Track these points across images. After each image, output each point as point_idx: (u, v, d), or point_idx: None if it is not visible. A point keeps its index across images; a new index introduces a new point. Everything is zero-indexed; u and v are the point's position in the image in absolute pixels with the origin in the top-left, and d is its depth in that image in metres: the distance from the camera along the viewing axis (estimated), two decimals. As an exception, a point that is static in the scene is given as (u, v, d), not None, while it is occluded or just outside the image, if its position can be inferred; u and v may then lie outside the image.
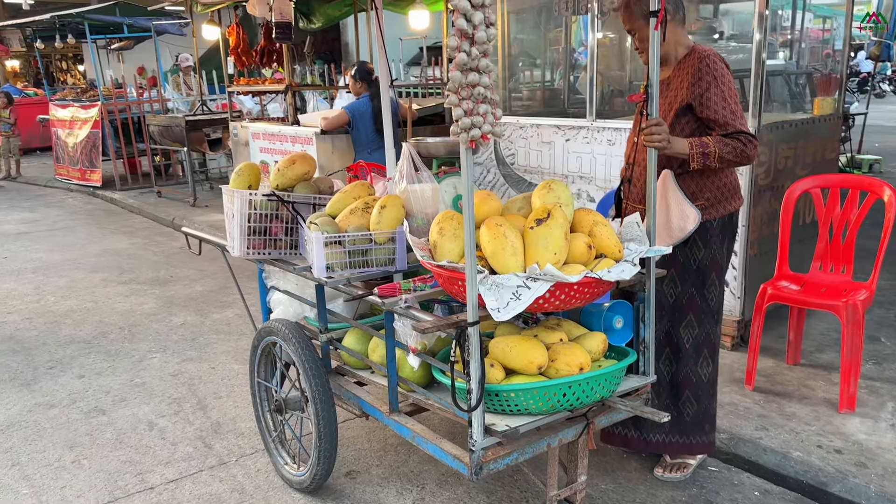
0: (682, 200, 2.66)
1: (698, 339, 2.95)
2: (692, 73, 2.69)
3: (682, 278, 2.89)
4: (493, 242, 2.21)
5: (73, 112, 11.21)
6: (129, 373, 4.35)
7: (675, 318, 2.93)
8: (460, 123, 1.95)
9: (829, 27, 13.75)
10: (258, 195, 3.04)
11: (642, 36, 2.71)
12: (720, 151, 2.61)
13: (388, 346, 2.55)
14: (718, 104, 2.64)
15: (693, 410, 3.00)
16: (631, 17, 2.72)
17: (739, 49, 7.40)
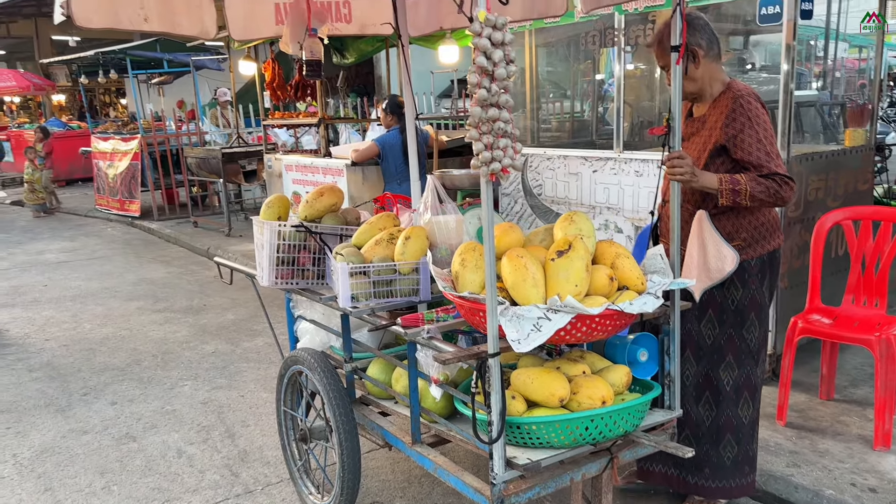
0: (719, 241, 2.60)
1: (738, 380, 2.87)
2: (726, 112, 2.65)
3: (720, 319, 2.82)
4: (514, 274, 2.23)
5: (114, 144, 11.56)
6: (161, 400, 4.42)
7: (714, 359, 2.87)
8: (481, 157, 1.99)
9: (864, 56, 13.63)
10: (287, 226, 3.11)
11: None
12: (752, 190, 2.53)
13: (410, 377, 2.57)
14: (753, 145, 2.59)
15: (734, 453, 2.93)
16: (664, 53, 2.66)
17: (770, 80, 7.38)
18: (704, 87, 2.73)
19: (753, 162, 2.59)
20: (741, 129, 2.60)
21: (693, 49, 2.64)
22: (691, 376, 2.89)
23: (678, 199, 2.48)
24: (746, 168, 2.61)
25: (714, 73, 2.73)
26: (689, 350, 2.85)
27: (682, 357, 2.71)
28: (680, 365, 2.56)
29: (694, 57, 2.66)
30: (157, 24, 3.26)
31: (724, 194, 2.55)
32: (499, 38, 1.93)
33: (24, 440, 3.98)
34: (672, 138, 2.47)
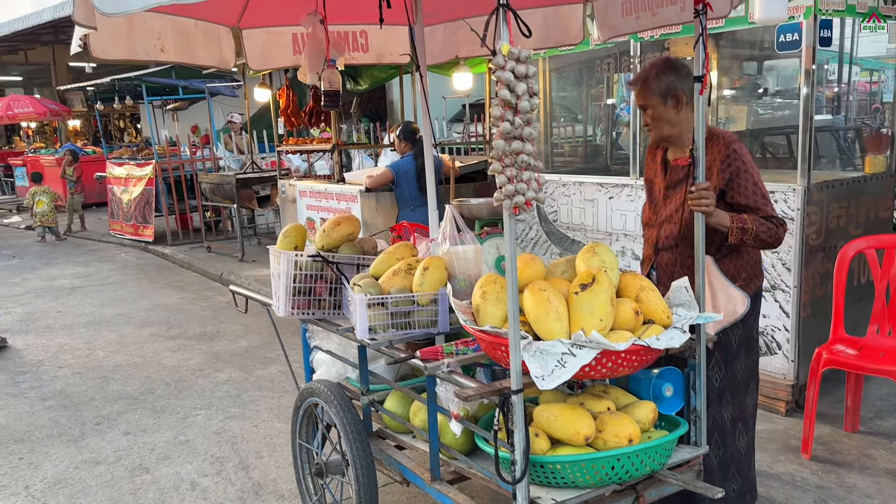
0: (727, 284, 2.65)
1: (734, 414, 2.86)
2: (720, 158, 2.65)
3: (726, 360, 2.81)
4: (536, 307, 2.19)
5: (129, 170, 11.64)
6: (174, 430, 4.37)
7: (719, 401, 2.83)
8: (504, 190, 1.96)
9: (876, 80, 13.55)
10: (304, 256, 3.08)
11: (657, 114, 2.69)
12: (757, 230, 2.56)
13: (429, 411, 2.52)
14: (749, 189, 2.63)
15: (738, 485, 2.89)
16: (647, 94, 2.68)
17: (785, 105, 7.34)
18: (683, 132, 2.73)
19: (751, 205, 2.62)
20: (737, 173, 2.63)
21: (678, 94, 2.66)
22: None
23: (702, 229, 2.43)
24: (742, 211, 2.63)
25: (691, 120, 2.69)
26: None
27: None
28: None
29: (678, 101, 2.67)
30: (175, 56, 3.27)
31: (733, 232, 2.56)
32: (522, 70, 1.90)
33: (37, 471, 3.94)
34: (696, 169, 2.43)
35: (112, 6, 1.82)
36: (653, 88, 2.67)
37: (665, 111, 2.67)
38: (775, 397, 4.15)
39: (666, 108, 2.67)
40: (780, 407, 4.15)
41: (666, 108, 2.67)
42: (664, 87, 2.66)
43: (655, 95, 2.67)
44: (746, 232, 2.55)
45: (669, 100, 2.66)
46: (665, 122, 2.69)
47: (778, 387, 4.13)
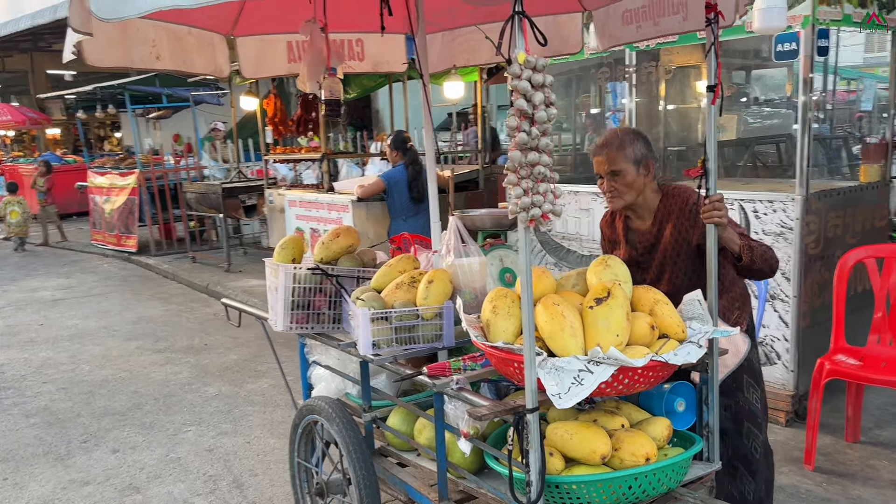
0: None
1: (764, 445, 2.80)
2: (687, 210, 2.64)
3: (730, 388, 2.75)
4: (551, 323, 2.13)
5: (111, 179, 11.46)
6: (164, 447, 4.26)
7: (735, 431, 2.77)
8: (520, 203, 1.90)
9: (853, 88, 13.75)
10: (302, 269, 3.00)
11: (628, 181, 2.64)
12: (762, 248, 2.53)
13: (437, 430, 2.45)
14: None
15: None
16: (621, 159, 2.63)
17: (773, 115, 7.39)
18: (647, 199, 2.71)
19: (731, 247, 2.55)
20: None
21: (649, 162, 2.66)
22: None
23: (715, 243, 2.39)
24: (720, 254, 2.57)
25: (652, 187, 2.73)
26: None
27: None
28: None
29: (648, 170, 2.66)
30: (170, 63, 3.19)
31: (744, 249, 2.49)
32: (539, 80, 1.85)
33: (22, 493, 3.81)
34: (709, 180, 2.38)
35: (109, 11, 1.74)
36: (628, 155, 2.63)
37: (636, 178, 2.64)
38: (775, 408, 4.12)
39: (637, 175, 2.64)
40: (780, 417, 4.12)
41: (637, 176, 2.64)
42: (638, 154, 2.63)
43: (630, 162, 2.63)
44: (754, 250, 2.50)
45: (641, 168, 2.64)
46: (634, 189, 2.66)
47: (778, 397, 4.11)
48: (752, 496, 2.76)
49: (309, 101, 8.33)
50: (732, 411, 2.76)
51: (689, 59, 5.97)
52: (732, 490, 2.79)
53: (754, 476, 2.75)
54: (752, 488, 2.76)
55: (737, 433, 2.74)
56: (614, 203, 2.70)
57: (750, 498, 2.74)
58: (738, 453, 2.76)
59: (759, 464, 2.75)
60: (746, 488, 2.76)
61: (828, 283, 4.15)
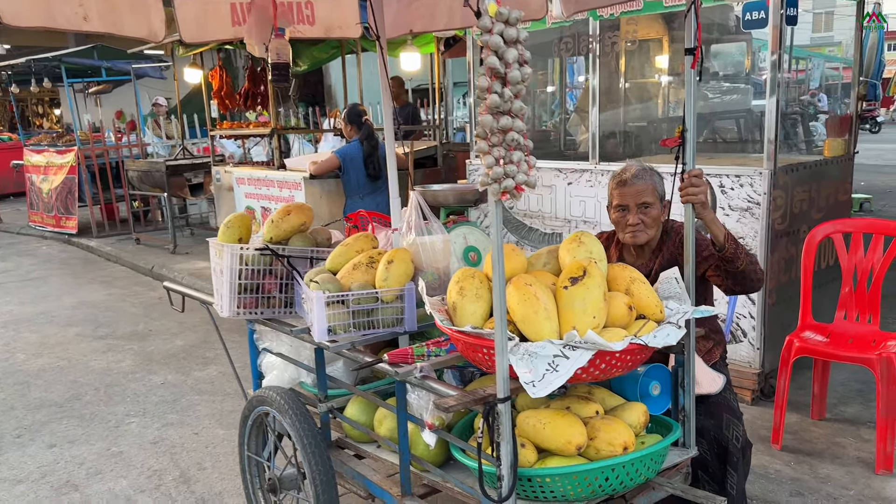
0: (706, 369, 2.61)
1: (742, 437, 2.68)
2: (677, 241, 2.63)
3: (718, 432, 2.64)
4: (523, 305, 1.96)
5: (49, 157, 10.89)
6: (105, 441, 3.99)
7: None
8: (492, 173, 1.71)
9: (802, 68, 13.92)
10: (250, 249, 2.77)
11: (655, 213, 2.59)
12: (745, 249, 2.46)
13: (399, 421, 2.27)
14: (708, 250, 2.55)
15: None
16: (650, 192, 2.58)
17: (733, 90, 7.35)
18: (655, 237, 2.67)
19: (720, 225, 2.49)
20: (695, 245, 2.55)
21: (666, 200, 2.63)
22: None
23: (693, 225, 2.24)
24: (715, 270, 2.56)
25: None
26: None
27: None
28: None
29: (664, 208, 2.64)
30: (99, 24, 2.89)
31: (728, 238, 2.41)
32: (512, 35, 1.66)
33: (-54, 494, 3.52)
34: (686, 152, 2.23)
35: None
36: (657, 189, 2.60)
37: (660, 214, 2.62)
38: (741, 386, 4.06)
39: (661, 211, 2.62)
40: (746, 396, 4.06)
41: (661, 212, 2.62)
42: (661, 190, 2.62)
43: (657, 197, 2.60)
44: (738, 245, 2.43)
45: (662, 204, 2.62)
46: (657, 224, 2.62)
47: (744, 375, 4.04)
48: (734, 490, 2.65)
49: (257, 73, 7.99)
50: (710, 407, 2.64)
51: (651, 31, 5.85)
52: (710, 486, 2.68)
53: (735, 468, 2.64)
54: (733, 481, 2.66)
55: (716, 426, 2.63)
56: (637, 237, 2.63)
57: (733, 493, 2.64)
58: (718, 446, 2.64)
59: (739, 455, 2.64)
60: (728, 482, 2.66)
61: (794, 259, 4.09)
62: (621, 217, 2.64)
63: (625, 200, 2.62)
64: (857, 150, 10.43)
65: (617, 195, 2.65)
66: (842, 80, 15.94)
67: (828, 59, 20.93)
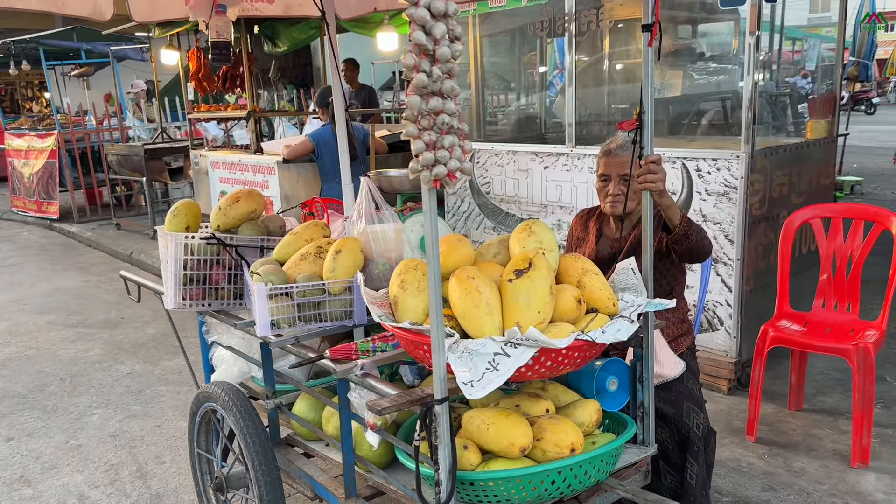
0: (669, 352, 2.56)
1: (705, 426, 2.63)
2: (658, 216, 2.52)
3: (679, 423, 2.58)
4: (464, 299, 1.84)
5: (30, 141, 10.71)
6: (65, 433, 3.88)
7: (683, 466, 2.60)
8: (422, 159, 1.59)
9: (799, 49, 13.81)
10: (196, 238, 2.65)
11: (636, 187, 2.44)
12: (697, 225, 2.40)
13: (342, 420, 2.16)
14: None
15: None
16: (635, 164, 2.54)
17: (720, 70, 7.19)
18: (636, 210, 2.63)
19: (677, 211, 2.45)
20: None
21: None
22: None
23: (651, 211, 2.12)
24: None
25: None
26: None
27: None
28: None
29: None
30: (37, 2, 2.76)
31: (682, 220, 2.35)
32: (440, 7, 1.53)
33: None
34: (644, 135, 2.11)
35: None
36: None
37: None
38: (717, 375, 3.96)
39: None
40: (722, 385, 3.97)
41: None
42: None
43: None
44: (691, 224, 2.36)
45: None
46: (637, 197, 2.57)
47: (720, 365, 3.95)
48: (694, 480, 2.55)
49: (237, 55, 7.81)
50: (671, 395, 2.55)
51: (633, 10, 5.69)
52: (671, 476, 2.59)
53: (696, 458, 2.54)
54: (693, 471, 2.56)
55: (677, 415, 2.53)
56: (615, 208, 2.60)
57: (693, 483, 2.54)
58: (679, 434, 2.55)
59: (700, 444, 2.54)
60: (688, 472, 2.56)
61: (773, 245, 3.98)
62: (603, 186, 2.63)
63: (608, 170, 2.60)
64: (849, 131, 10.31)
65: (602, 164, 2.64)
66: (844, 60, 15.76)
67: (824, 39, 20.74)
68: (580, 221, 2.87)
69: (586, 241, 2.79)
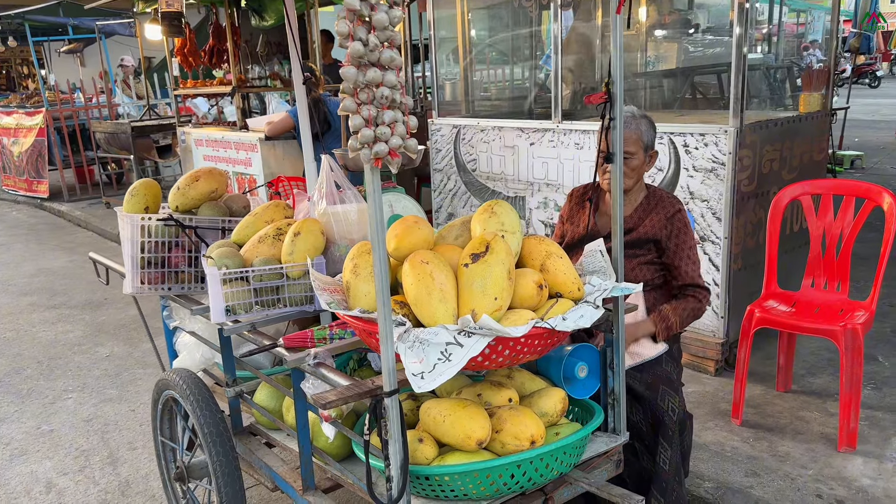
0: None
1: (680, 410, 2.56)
2: (666, 215, 2.59)
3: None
4: (416, 285, 1.74)
5: (19, 119, 10.58)
6: (38, 418, 3.82)
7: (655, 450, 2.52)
8: (360, 136, 1.48)
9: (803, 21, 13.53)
10: (153, 220, 2.55)
11: (635, 164, 2.55)
12: (682, 320, 2.53)
13: (298, 410, 2.07)
14: (685, 253, 2.58)
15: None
16: (633, 140, 2.55)
17: (717, 42, 7.01)
18: (636, 189, 2.64)
19: (681, 270, 2.58)
20: (677, 233, 2.58)
21: (653, 151, 2.62)
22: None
23: (621, 195, 2.01)
24: (670, 271, 2.60)
25: (643, 181, 2.70)
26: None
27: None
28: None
29: (651, 159, 2.62)
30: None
31: (660, 334, 2.50)
32: (377, -30, 1.40)
33: None
34: (613, 108, 1.99)
35: None
36: (643, 138, 2.56)
37: (641, 165, 2.58)
38: (704, 356, 3.87)
39: (644, 162, 2.58)
40: (708, 366, 3.87)
41: (643, 163, 2.58)
42: (649, 140, 2.58)
43: (641, 147, 2.56)
44: (671, 329, 2.51)
45: (647, 155, 2.59)
46: (637, 175, 2.59)
47: (707, 345, 3.85)
48: (667, 465, 2.46)
49: (222, 29, 7.64)
50: (647, 377, 2.46)
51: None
52: (647, 458, 2.50)
53: (669, 442, 2.45)
54: (666, 456, 2.47)
55: (651, 397, 2.44)
56: (608, 185, 2.55)
57: (666, 468, 2.45)
58: (653, 417, 2.46)
59: (675, 428, 2.45)
60: (661, 456, 2.47)
61: (762, 223, 3.86)
62: (602, 163, 2.56)
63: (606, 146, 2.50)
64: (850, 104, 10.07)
65: (601, 140, 2.53)
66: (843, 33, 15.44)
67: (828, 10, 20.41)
68: (577, 197, 2.80)
69: (581, 218, 2.73)
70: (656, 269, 2.62)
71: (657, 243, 2.59)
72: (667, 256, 2.60)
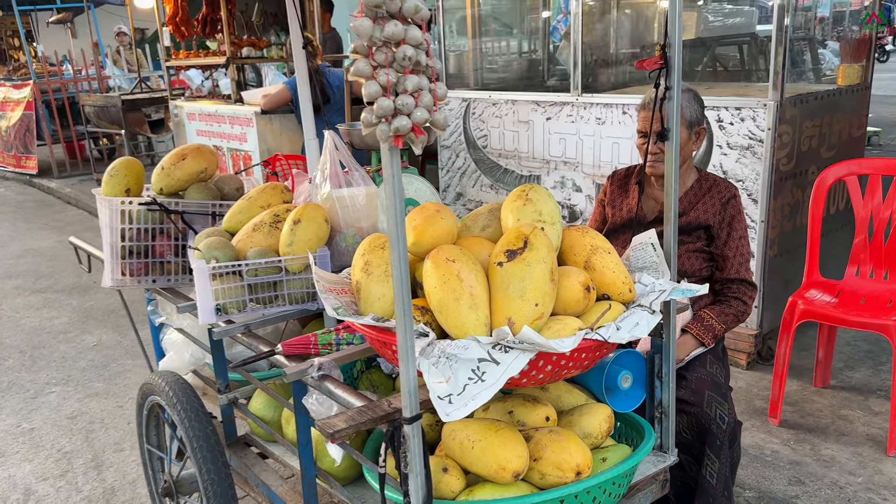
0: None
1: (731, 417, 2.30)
2: (721, 200, 2.36)
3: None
4: (442, 288, 1.45)
5: (5, 92, 10.21)
6: (18, 415, 3.55)
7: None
8: (377, 107, 1.17)
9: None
10: (135, 204, 2.25)
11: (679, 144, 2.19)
12: (726, 325, 2.31)
13: (299, 427, 1.79)
14: (735, 243, 2.35)
15: None
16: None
17: (736, 12, 6.66)
18: (686, 171, 2.41)
19: (729, 261, 2.35)
20: (730, 222, 2.36)
21: (701, 129, 2.37)
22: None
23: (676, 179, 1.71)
24: (717, 261, 2.37)
25: (692, 162, 2.45)
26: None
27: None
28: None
29: (698, 136, 2.37)
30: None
31: (707, 344, 2.27)
32: None
33: None
34: (670, 76, 1.68)
35: None
36: (685, 115, 2.30)
37: (687, 144, 2.33)
38: (735, 349, 3.60)
39: (689, 140, 2.34)
40: (740, 359, 3.61)
41: (688, 142, 2.34)
42: (693, 116, 2.33)
43: (685, 124, 2.31)
44: (717, 336, 2.29)
45: (693, 133, 2.34)
46: (683, 155, 2.33)
47: (739, 337, 3.58)
48: (714, 478, 2.20)
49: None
50: (691, 382, 2.19)
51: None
52: (695, 468, 2.24)
53: (717, 454, 2.18)
54: (713, 469, 2.21)
55: (697, 404, 2.17)
56: (656, 168, 2.30)
57: (713, 482, 2.19)
58: (698, 426, 2.19)
59: (724, 439, 2.19)
60: (707, 469, 2.21)
61: (800, 205, 3.58)
62: (643, 143, 2.31)
63: (645, 126, 2.27)
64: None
65: (640, 119, 2.32)
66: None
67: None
68: (619, 180, 2.53)
69: (623, 202, 2.48)
70: (704, 259, 2.34)
71: (708, 230, 2.34)
72: (716, 245, 2.35)
